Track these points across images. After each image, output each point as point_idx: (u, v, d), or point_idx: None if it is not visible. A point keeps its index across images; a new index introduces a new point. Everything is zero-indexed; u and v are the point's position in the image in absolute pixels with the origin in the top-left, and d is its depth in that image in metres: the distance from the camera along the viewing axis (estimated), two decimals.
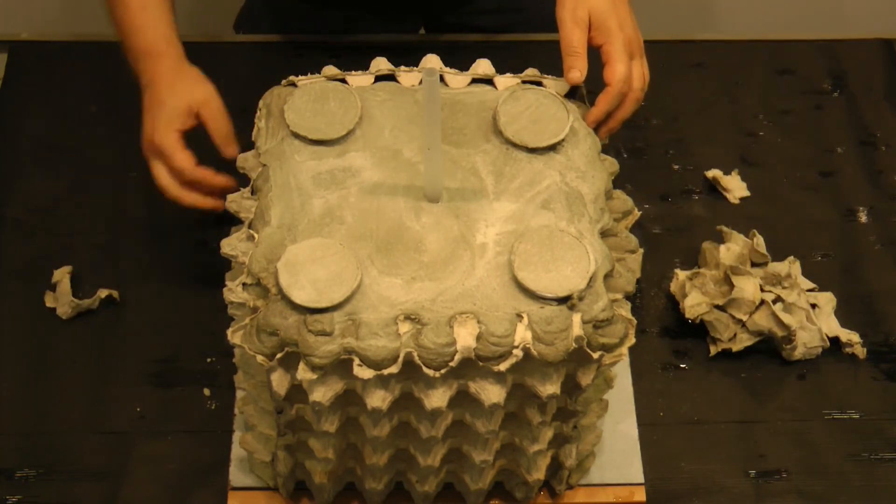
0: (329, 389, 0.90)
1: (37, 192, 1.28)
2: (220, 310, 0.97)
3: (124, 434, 1.12)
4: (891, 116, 1.39)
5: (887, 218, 1.30)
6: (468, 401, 0.93)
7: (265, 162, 0.98)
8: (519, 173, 0.97)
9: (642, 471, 1.10)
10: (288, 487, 1.06)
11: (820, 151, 1.36)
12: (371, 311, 0.89)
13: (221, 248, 0.96)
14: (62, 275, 1.20)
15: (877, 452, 1.14)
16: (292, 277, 0.90)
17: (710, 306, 1.17)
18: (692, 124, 1.38)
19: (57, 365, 1.16)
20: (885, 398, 1.17)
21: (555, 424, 0.99)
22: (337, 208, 0.95)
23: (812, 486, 1.12)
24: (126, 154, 1.32)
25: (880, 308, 1.23)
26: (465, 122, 1.01)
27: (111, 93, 1.37)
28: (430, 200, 0.95)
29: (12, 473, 1.09)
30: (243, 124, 1.07)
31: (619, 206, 1.01)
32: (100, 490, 1.09)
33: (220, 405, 1.14)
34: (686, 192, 1.32)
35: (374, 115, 1.01)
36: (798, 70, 1.44)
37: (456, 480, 1.05)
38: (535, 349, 0.89)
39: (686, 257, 1.25)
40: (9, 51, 1.41)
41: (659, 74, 1.42)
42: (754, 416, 1.16)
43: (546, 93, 1.02)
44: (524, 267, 0.91)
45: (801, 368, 1.19)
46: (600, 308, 0.91)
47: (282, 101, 1.02)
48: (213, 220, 1.26)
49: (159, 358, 1.17)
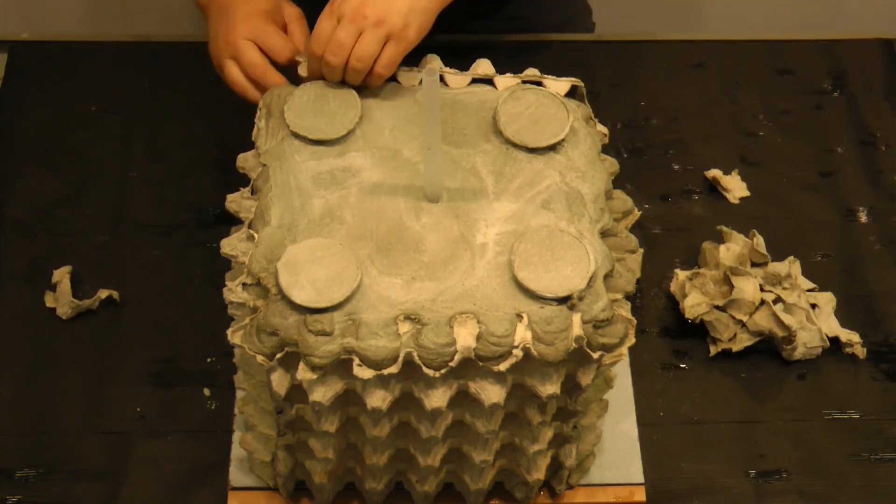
0: (329, 389, 0.90)
1: (37, 192, 1.28)
2: (220, 310, 0.97)
3: (124, 434, 1.12)
4: (891, 116, 1.39)
5: (887, 218, 1.30)
6: (468, 401, 0.93)
7: (265, 162, 0.98)
8: (519, 173, 0.97)
9: (642, 471, 1.10)
10: (288, 487, 1.06)
11: (820, 151, 1.36)
12: (371, 311, 0.89)
13: (221, 248, 0.96)
14: (62, 275, 1.20)
15: (877, 452, 1.14)
16: (292, 277, 0.90)
17: (710, 306, 1.17)
18: (692, 124, 1.38)
19: (57, 365, 1.16)
20: (885, 398, 1.17)
21: (555, 424, 0.99)
22: (337, 208, 0.95)
23: (812, 486, 1.12)
24: (126, 154, 1.32)
25: (880, 308, 1.23)
26: (465, 122, 1.01)
27: (111, 93, 1.37)
28: (430, 200, 0.96)
29: (12, 473, 1.09)
30: (243, 124, 1.07)
31: (619, 206, 1.01)
32: (100, 490, 1.09)
33: (220, 405, 1.14)
34: (686, 192, 1.32)
35: (374, 115, 1.01)
36: (798, 70, 1.44)
37: (456, 480, 1.05)
38: (535, 349, 0.89)
39: (686, 257, 1.25)
40: (9, 51, 1.41)
41: (659, 74, 1.43)
42: (754, 416, 1.16)
43: (546, 93, 1.02)
44: (524, 267, 0.91)
45: (801, 368, 1.19)
46: (600, 308, 0.91)
47: (282, 101, 1.02)
48: (213, 220, 1.26)
49: (159, 358, 1.17)
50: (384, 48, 1.03)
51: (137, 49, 1.42)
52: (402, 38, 1.03)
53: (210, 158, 1.31)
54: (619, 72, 1.42)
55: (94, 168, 1.31)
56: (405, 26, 1.03)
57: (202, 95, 1.37)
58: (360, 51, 1.02)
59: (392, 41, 1.03)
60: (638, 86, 1.41)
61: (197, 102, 1.37)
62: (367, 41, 1.02)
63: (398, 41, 1.03)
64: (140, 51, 1.42)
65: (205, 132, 1.34)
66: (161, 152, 1.32)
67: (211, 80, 1.35)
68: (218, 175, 1.29)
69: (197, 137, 1.34)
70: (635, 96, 1.40)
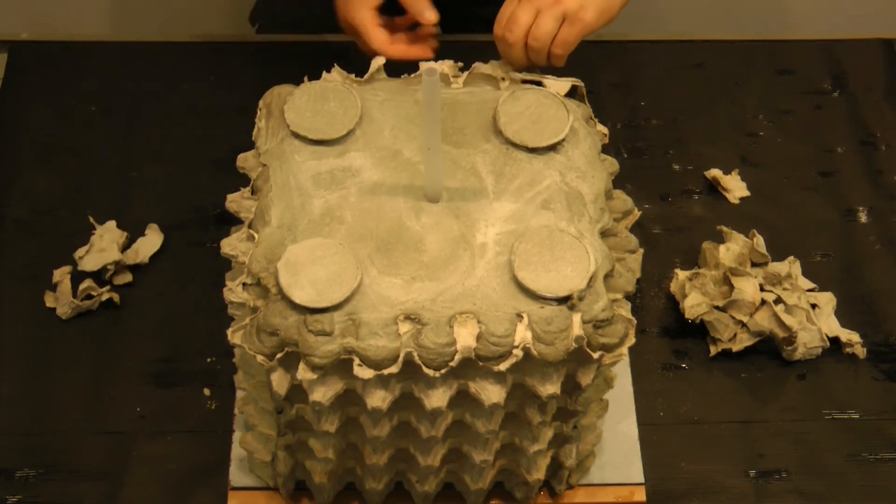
0: (329, 389, 0.90)
1: (37, 192, 1.28)
2: (220, 310, 0.97)
3: (124, 434, 1.12)
4: (891, 116, 1.39)
5: (887, 218, 1.30)
6: (468, 401, 0.93)
7: (265, 162, 0.98)
8: (519, 173, 0.97)
9: (642, 471, 1.10)
10: (288, 487, 1.06)
11: (820, 151, 1.36)
12: (371, 311, 0.89)
13: (221, 248, 0.96)
14: (62, 275, 1.20)
15: (877, 452, 1.14)
16: (292, 277, 0.90)
17: (710, 307, 1.17)
18: (692, 124, 1.38)
19: (57, 365, 1.16)
20: (885, 398, 1.17)
21: (555, 424, 0.99)
22: (337, 208, 0.95)
23: (812, 486, 1.12)
24: (126, 154, 1.32)
25: (880, 308, 1.23)
26: (465, 122, 1.01)
27: (111, 93, 1.37)
28: (430, 200, 0.96)
29: (12, 473, 1.09)
30: (243, 124, 1.07)
31: (619, 206, 1.01)
32: (100, 490, 1.09)
33: (220, 405, 1.14)
34: (686, 192, 1.32)
35: (374, 115, 1.01)
36: (798, 70, 1.44)
37: (456, 480, 1.06)
38: (535, 349, 0.89)
39: (686, 257, 1.26)
40: (9, 51, 1.41)
41: (659, 74, 1.43)
42: (754, 416, 1.16)
43: (546, 93, 1.02)
44: (524, 267, 0.91)
45: (801, 368, 1.19)
46: (600, 308, 0.91)
47: (282, 101, 1.02)
48: (214, 220, 1.26)
49: (159, 358, 1.17)
50: (560, 28, 1.06)
51: (137, 49, 1.42)
52: (578, 20, 1.06)
53: (210, 158, 1.31)
54: (619, 72, 1.42)
55: (94, 168, 1.31)
56: (581, 7, 1.06)
57: (202, 95, 1.37)
58: (536, 30, 1.05)
59: (568, 21, 1.06)
60: (638, 86, 1.41)
61: (197, 102, 1.37)
62: (544, 20, 1.05)
63: (573, 21, 1.06)
64: (140, 51, 1.42)
65: (205, 132, 1.34)
66: (161, 152, 1.32)
67: (211, 80, 1.35)
68: (218, 175, 1.29)
69: (197, 137, 1.34)
70: (635, 96, 1.40)
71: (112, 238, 1.21)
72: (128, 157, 1.32)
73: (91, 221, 1.23)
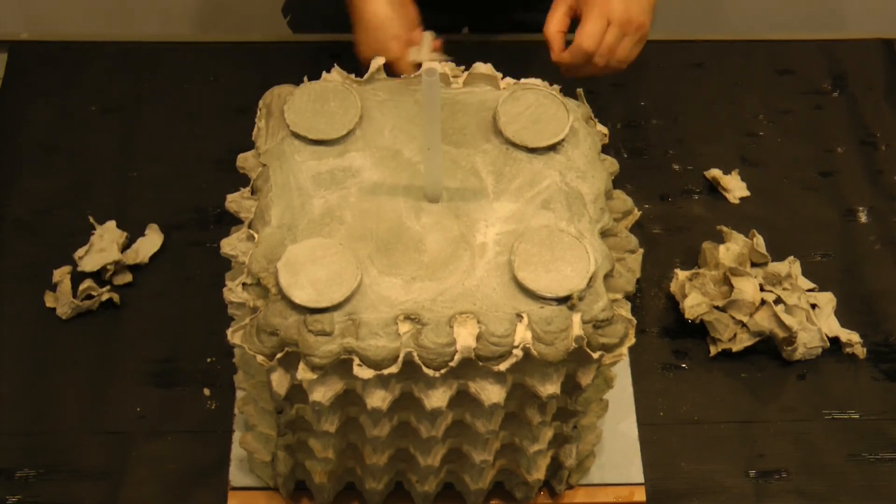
0: (329, 389, 0.90)
1: (37, 192, 1.28)
2: (220, 310, 0.97)
3: (124, 434, 1.12)
4: (891, 116, 1.39)
5: (887, 218, 1.30)
6: (468, 401, 0.93)
7: (265, 162, 0.98)
8: (519, 173, 0.97)
9: (642, 471, 1.10)
10: (288, 487, 1.06)
11: (820, 151, 1.36)
12: (371, 311, 0.89)
13: (221, 248, 0.96)
14: (62, 275, 1.20)
15: (877, 452, 1.14)
16: (292, 277, 0.90)
17: (710, 307, 1.17)
18: (692, 124, 1.38)
19: (57, 365, 1.16)
20: (885, 398, 1.17)
21: (555, 424, 0.99)
22: (337, 208, 0.95)
23: (812, 486, 1.12)
24: (126, 154, 1.32)
25: (880, 308, 1.23)
26: (465, 122, 1.01)
27: (111, 93, 1.37)
28: (430, 200, 0.95)
29: (12, 473, 1.09)
30: (243, 124, 1.07)
31: (619, 206, 1.01)
32: (100, 490, 1.09)
33: (220, 405, 1.14)
34: (686, 192, 1.32)
35: (374, 115, 1.01)
36: (798, 70, 1.44)
37: (456, 480, 1.06)
38: (535, 349, 0.89)
39: (686, 257, 1.26)
40: (9, 51, 1.41)
41: (659, 74, 1.43)
42: (754, 416, 1.16)
43: (546, 93, 1.02)
44: (524, 267, 0.91)
45: (801, 368, 1.19)
46: (600, 308, 0.91)
47: (282, 101, 1.02)
48: (214, 220, 1.26)
49: (159, 358, 1.17)
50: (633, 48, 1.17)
51: (137, 49, 1.42)
52: (645, 37, 1.17)
53: (210, 158, 1.32)
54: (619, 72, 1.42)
55: (94, 168, 1.31)
56: (644, 23, 1.16)
57: (202, 95, 1.37)
58: (622, 54, 1.15)
59: (640, 41, 1.17)
60: (638, 86, 1.41)
61: (197, 102, 1.37)
62: (628, 45, 1.15)
63: (643, 40, 1.17)
64: (140, 51, 1.42)
65: (205, 132, 1.34)
66: (161, 152, 1.32)
67: (211, 80, 1.35)
68: (218, 175, 1.29)
69: (197, 137, 1.34)
70: (635, 96, 1.40)
71: (112, 238, 1.21)
72: (128, 157, 1.32)
73: (91, 221, 1.24)
